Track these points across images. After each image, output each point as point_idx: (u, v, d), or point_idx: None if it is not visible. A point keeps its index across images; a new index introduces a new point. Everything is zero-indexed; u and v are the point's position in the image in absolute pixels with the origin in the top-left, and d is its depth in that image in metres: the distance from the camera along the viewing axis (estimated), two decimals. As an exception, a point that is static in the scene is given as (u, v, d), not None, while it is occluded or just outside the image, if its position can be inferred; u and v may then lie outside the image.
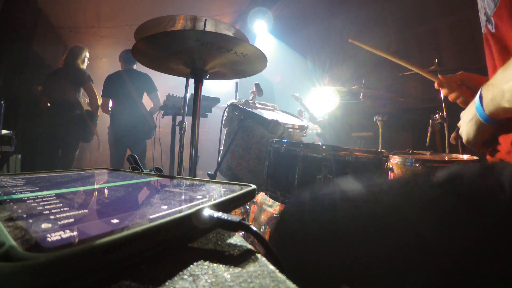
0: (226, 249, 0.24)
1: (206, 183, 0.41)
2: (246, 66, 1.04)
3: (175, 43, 0.90)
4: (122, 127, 2.51)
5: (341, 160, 0.87)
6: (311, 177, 0.88)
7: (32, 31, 3.40)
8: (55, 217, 0.22)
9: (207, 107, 2.19)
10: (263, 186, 1.04)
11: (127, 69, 2.61)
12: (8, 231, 0.18)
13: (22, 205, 0.25)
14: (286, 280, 0.18)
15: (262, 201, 1.30)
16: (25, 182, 0.37)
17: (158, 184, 0.42)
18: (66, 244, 0.17)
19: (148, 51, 0.95)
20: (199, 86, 1.04)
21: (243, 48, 0.90)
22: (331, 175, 0.86)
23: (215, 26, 1.19)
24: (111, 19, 3.99)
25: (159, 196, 0.33)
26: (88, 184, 0.40)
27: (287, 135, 1.24)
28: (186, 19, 1.15)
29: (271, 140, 1.03)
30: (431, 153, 1.33)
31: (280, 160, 0.98)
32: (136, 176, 0.48)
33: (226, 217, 0.24)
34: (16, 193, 0.30)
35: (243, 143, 1.25)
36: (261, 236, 0.24)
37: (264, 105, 1.56)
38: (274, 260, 0.22)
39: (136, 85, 2.56)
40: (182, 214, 0.23)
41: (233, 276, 0.19)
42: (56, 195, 0.30)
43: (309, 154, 0.89)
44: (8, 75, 2.87)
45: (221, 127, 1.44)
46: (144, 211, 0.25)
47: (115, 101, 2.59)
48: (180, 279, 0.18)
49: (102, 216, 0.24)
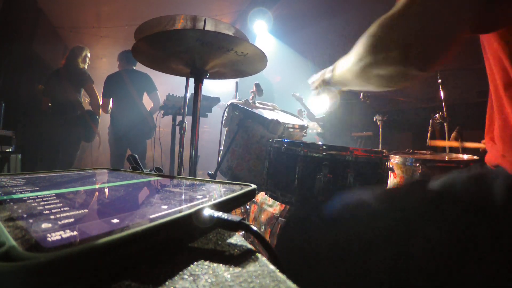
0: (226, 249, 0.24)
1: (206, 183, 0.41)
2: (246, 66, 1.04)
3: (175, 43, 0.90)
4: (122, 127, 2.52)
5: (341, 160, 0.87)
6: (311, 177, 0.88)
7: (32, 31, 3.40)
8: (55, 217, 0.22)
9: (207, 107, 2.19)
10: (263, 185, 1.03)
11: (127, 69, 2.61)
12: (9, 231, 0.18)
13: (22, 205, 0.25)
14: (286, 280, 0.18)
15: (262, 201, 1.30)
16: (25, 182, 0.37)
17: (158, 184, 0.42)
18: (66, 244, 0.17)
19: (148, 51, 0.95)
20: (199, 86, 1.04)
21: (244, 48, 0.90)
22: (331, 175, 0.86)
23: (215, 26, 1.19)
24: (111, 19, 3.99)
25: (159, 196, 0.33)
26: (88, 184, 0.40)
27: (287, 135, 1.23)
28: (186, 19, 1.15)
29: (271, 140, 1.03)
30: (431, 153, 1.33)
31: (280, 160, 0.98)
32: (136, 176, 0.48)
33: (226, 217, 0.24)
34: (17, 193, 0.30)
35: (243, 143, 1.25)
36: (261, 235, 0.24)
37: (264, 105, 1.55)
38: (274, 260, 0.22)
39: (136, 85, 2.56)
40: (182, 214, 0.23)
41: (233, 276, 0.19)
42: (56, 195, 0.30)
43: (309, 154, 0.89)
44: (8, 75, 2.87)
45: (221, 127, 1.44)
46: (144, 211, 0.25)
47: (115, 101, 2.59)
48: (180, 279, 0.18)
49: (102, 216, 0.24)
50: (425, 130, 1.98)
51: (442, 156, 1.27)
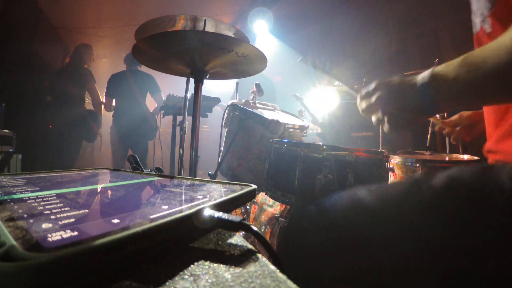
0: (226, 249, 0.24)
1: (207, 183, 0.41)
2: (246, 66, 1.04)
3: (175, 43, 0.90)
4: (124, 126, 2.52)
5: (341, 160, 0.87)
6: (311, 177, 0.88)
7: (32, 31, 3.40)
8: (55, 217, 0.22)
9: (208, 107, 2.20)
10: (264, 186, 1.03)
11: (131, 69, 2.62)
12: (9, 231, 0.18)
13: (23, 205, 0.25)
14: (286, 280, 0.18)
15: (262, 201, 1.30)
16: (25, 182, 0.37)
17: (158, 184, 0.42)
18: (66, 244, 0.17)
19: (148, 51, 0.95)
20: (199, 86, 1.04)
21: (244, 49, 0.90)
22: (332, 175, 0.86)
23: (215, 26, 1.19)
24: (111, 19, 3.99)
25: (159, 196, 0.33)
26: (89, 184, 0.40)
27: (287, 135, 1.23)
28: (186, 19, 1.15)
29: (272, 140, 1.03)
30: (431, 153, 1.33)
31: (281, 160, 0.98)
32: (137, 176, 0.48)
33: (227, 217, 0.24)
34: (17, 193, 0.30)
35: (243, 143, 1.25)
36: (262, 236, 0.24)
37: (265, 105, 1.55)
38: (274, 260, 0.22)
39: (140, 85, 2.57)
40: (182, 214, 0.23)
41: (233, 276, 0.19)
42: (56, 195, 0.30)
43: (310, 154, 0.89)
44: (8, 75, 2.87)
45: (222, 127, 1.44)
46: (144, 211, 0.25)
47: (118, 101, 2.60)
48: (180, 279, 0.18)
49: (103, 216, 0.24)
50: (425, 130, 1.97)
51: (442, 157, 1.27)
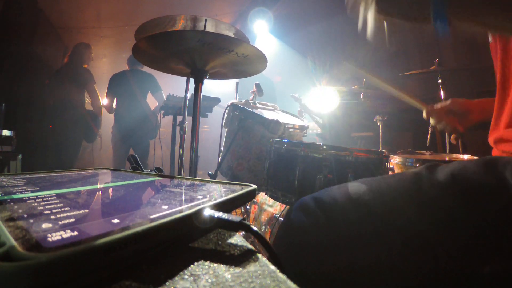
0: (226, 249, 0.24)
1: (207, 183, 0.41)
2: (246, 66, 1.04)
3: (175, 43, 0.90)
4: (126, 126, 2.53)
5: (341, 160, 0.87)
6: (311, 177, 0.88)
7: (32, 31, 3.40)
8: (55, 217, 0.22)
9: (208, 107, 2.20)
10: (264, 186, 1.03)
11: (132, 69, 2.63)
12: (9, 231, 0.18)
13: (23, 205, 0.25)
14: (286, 280, 0.18)
15: (262, 201, 1.30)
16: (25, 182, 0.37)
17: (158, 184, 0.42)
18: (66, 244, 0.17)
19: (148, 51, 0.95)
20: (199, 86, 1.04)
21: (244, 49, 0.90)
22: (332, 175, 0.86)
23: (216, 26, 1.19)
24: (111, 19, 3.99)
25: (159, 196, 0.33)
26: (89, 184, 0.40)
27: (287, 135, 1.23)
28: (186, 19, 1.15)
29: (272, 140, 1.03)
30: (431, 153, 1.33)
31: (281, 160, 0.98)
32: (137, 176, 0.48)
33: (227, 217, 0.24)
34: (17, 193, 0.30)
35: (243, 143, 1.25)
36: (262, 236, 0.24)
37: (265, 105, 1.55)
38: (274, 260, 0.22)
39: (140, 85, 2.58)
40: (182, 214, 0.23)
41: (233, 276, 0.19)
42: (56, 195, 0.30)
43: (310, 154, 0.89)
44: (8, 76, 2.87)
45: (222, 127, 1.44)
46: (144, 211, 0.25)
47: (119, 100, 2.61)
48: (180, 279, 0.18)
49: (103, 216, 0.24)
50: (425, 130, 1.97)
51: (442, 156, 1.27)
